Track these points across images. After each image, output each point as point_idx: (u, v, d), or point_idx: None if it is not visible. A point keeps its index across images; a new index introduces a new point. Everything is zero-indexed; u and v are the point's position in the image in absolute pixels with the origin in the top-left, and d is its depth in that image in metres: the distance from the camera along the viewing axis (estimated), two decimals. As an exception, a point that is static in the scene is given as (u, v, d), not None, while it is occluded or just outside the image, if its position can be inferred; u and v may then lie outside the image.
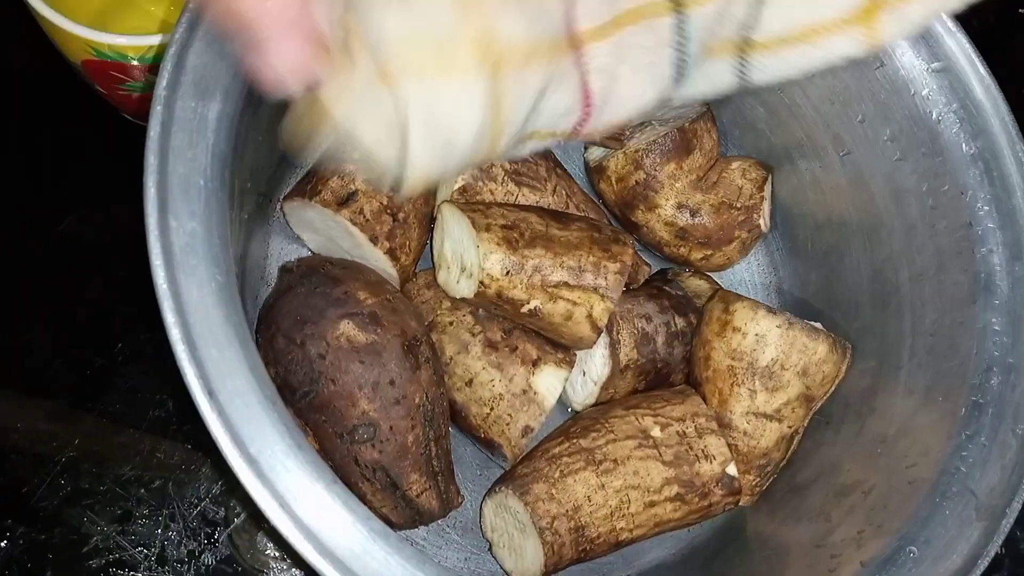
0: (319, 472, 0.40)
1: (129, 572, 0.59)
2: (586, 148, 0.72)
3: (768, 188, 0.70)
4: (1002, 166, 0.57)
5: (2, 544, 0.58)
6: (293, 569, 0.61)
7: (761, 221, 0.69)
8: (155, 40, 0.56)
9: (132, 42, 0.55)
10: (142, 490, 0.61)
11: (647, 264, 0.71)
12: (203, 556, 0.60)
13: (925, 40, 0.58)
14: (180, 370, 0.39)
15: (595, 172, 0.70)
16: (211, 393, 0.39)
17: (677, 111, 0.69)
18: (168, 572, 0.59)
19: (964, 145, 0.58)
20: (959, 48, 0.58)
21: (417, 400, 0.56)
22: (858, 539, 0.53)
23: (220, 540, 0.60)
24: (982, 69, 0.58)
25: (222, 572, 0.60)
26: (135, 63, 0.57)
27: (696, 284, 0.70)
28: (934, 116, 0.58)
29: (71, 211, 0.67)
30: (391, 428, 0.55)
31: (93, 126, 0.69)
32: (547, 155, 0.68)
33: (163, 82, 0.42)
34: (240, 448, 0.39)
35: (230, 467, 0.39)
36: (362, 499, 0.55)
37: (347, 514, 0.40)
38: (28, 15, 0.57)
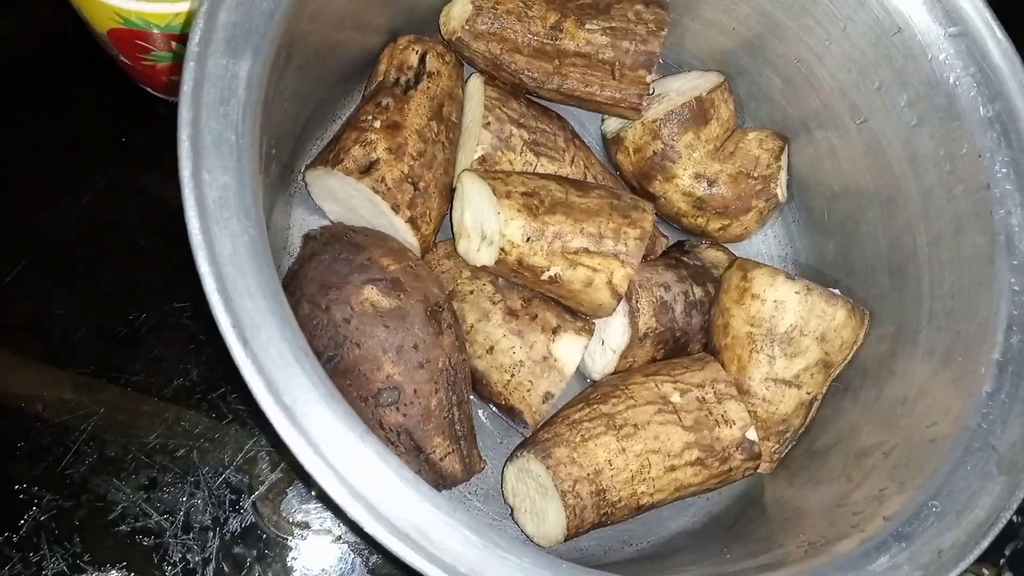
0: (351, 422, 0.40)
1: (155, 539, 0.59)
2: (603, 119, 0.73)
3: (785, 158, 0.70)
4: (1020, 128, 0.57)
5: (30, 511, 0.58)
6: (314, 536, 0.61)
7: (778, 190, 0.69)
8: (178, 8, 0.56)
9: (157, 9, 0.56)
10: (167, 458, 0.61)
11: (664, 236, 0.71)
12: (228, 523, 0.60)
13: (942, 4, 0.59)
14: (215, 320, 0.39)
15: (612, 143, 0.70)
16: (245, 342, 0.39)
17: (694, 82, 0.69)
18: (193, 539, 0.59)
19: (981, 109, 0.58)
20: (976, 12, 0.58)
21: (440, 364, 0.56)
22: (880, 496, 0.53)
23: (244, 508, 0.61)
24: (999, 32, 0.58)
25: (246, 539, 0.60)
26: (158, 32, 0.58)
27: (713, 255, 0.70)
28: (951, 80, 0.59)
29: (95, 184, 0.67)
30: (415, 392, 0.55)
31: (118, 102, 0.69)
32: (565, 126, 0.68)
33: (195, 39, 0.42)
34: (275, 396, 0.39)
35: (265, 415, 0.39)
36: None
37: (380, 462, 0.40)
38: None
